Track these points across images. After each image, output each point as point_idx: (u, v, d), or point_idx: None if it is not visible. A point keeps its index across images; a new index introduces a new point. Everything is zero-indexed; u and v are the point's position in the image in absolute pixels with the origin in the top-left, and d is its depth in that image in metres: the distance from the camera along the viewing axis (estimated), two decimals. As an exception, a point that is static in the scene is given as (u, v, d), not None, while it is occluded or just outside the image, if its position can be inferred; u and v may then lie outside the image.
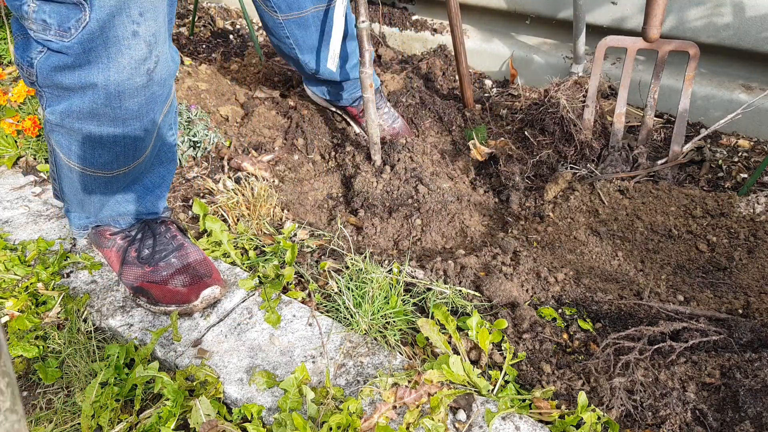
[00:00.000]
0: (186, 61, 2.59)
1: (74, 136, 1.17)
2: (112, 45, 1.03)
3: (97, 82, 1.06)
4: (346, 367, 1.18)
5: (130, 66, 1.07)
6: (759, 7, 1.86)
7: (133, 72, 1.08)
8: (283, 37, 1.77)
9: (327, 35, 1.79)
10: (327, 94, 2.06)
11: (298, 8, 1.69)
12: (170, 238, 1.39)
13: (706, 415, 1.05)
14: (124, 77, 1.07)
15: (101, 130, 1.15)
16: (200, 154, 1.95)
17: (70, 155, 1.22)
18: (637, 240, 1.54)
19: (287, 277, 1.40)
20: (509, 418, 1.05)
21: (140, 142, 1.22)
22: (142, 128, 1.19)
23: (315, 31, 1.77)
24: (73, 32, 1.01)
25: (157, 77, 1.13)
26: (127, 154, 1.23)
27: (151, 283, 1.33)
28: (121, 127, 1.15)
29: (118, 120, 1.14)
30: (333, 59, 2.33)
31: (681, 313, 1.25)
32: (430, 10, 2.74)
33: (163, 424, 1.08)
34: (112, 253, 1.42)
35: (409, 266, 1.44)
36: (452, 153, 2.04)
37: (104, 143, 1.18)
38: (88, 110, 1.10)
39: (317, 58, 1.85)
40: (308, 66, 1.85)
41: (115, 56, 1.05)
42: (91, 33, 1.01)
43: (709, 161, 1.85)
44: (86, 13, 1.00)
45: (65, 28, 1.01)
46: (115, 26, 1.02)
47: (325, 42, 1.82)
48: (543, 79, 2.30)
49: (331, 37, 1.72)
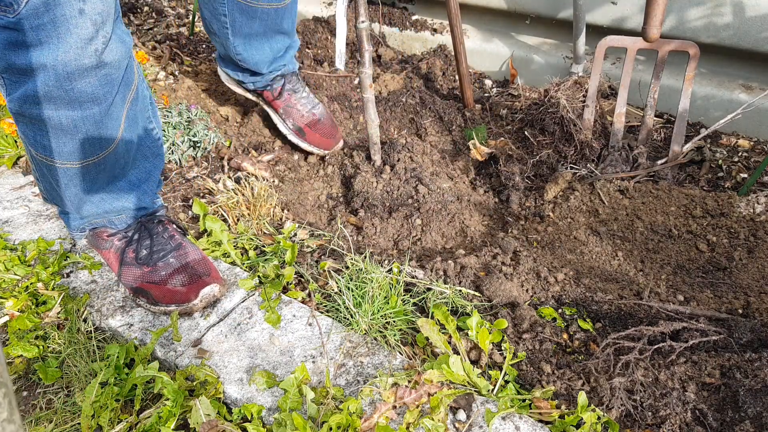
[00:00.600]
0: (186, 61, 2.59)
1: (36, 125, 1.16)
2: (60, 24, 1.03)
3: (46, 63, 1.06)
4: (346, 367, 1.18)
5: (77, 45, 1.06)
6: (759, 7, 1.86)
7: (80, 52, 1.07)
8: (220, 14, 1.66)
9: (269, 32, 1.73)
10: (242, 78, 1.95)
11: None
12: (168, 238, 1.39)
13: (706, 415, 1.05)
14: (71, 57, 1.06)
15: (59, 115, 1.14)
16: (200, 154, 1.95)
17: (37, 147, 1.21)
18: (637, 240, 1.54)
19: (287, 277, 1.40)
20: (509, 418, 1.05)
21: (103, 127, 1.21)
22: (102, 113, 1.18)
23: (259, 24, 1.68)
24: (15, 7, 1.00)
25: (108, 58, 1.12)
26: (92, 142, 1.22)
27: (150, 283, 1.33)
28: (78, 110, 1.14)
29: (74, 103, 1.13)
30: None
31: (681, 313, 1.25)
32: (430, 10, 2.74)
33: (163, 424, 1.08)
34: (110, 254, 1.42)
35: (409, 266, 1.44)
36: (452, 153, 2.04)
37: (65, 129, 1.17)
38: (42, 93, 1.10)
39: (248, 46, 1.76)
40: (235, 50, 1.77)
41: (63, 36, 1.04)
42: (36, 9, 1.00)
43: (709, 161, 1.85)
44: None
45: (6, 3, 1.00)
46: (61, 4, 1.01)
47: (266, 37, 1.75)
48: (543, 79, 2.30)
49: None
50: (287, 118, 1.93)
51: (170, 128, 1.95)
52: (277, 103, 1.94)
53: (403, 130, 2.15)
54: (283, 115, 1.93)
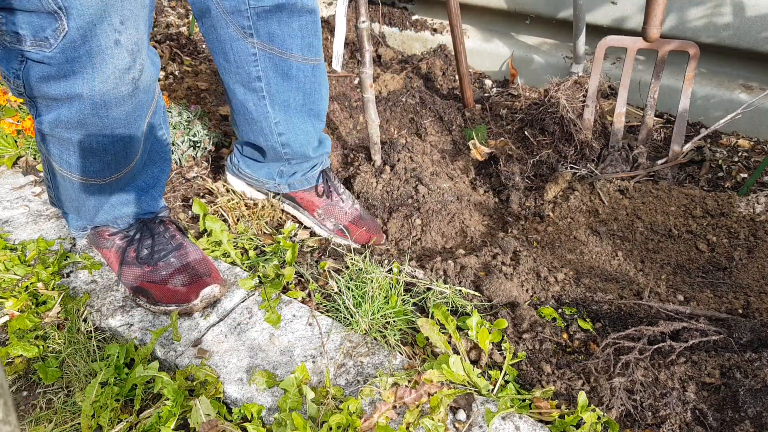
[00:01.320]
0: (186, 60, 2.59)
1: (65, 146, 1.17)
2: (95, 55, 1.02)
3: (82, 93, 1.05)
4: (346, 367, 1.18)
5: (115, 76, 1.06)
6: (759, 7, 1.86)
7: (117, 81, 1.07)
8: (253, 78, 1.36)
9: (307, 103, 1.45)
10: (277, 176, 1.62)
11: (281, 45, 1.32)
12: (169, 238, 1.39)
13: (706, 415, 1.05)
14: (109, 87, 1.06)
15: (90, 140, 1.15)
16: (200, 154, 1.95)
17: (62, 164, 1.22)
18: (637, 240, 1.54)
19: (287, 277, 1.40)
20: (509, 418, 1.05)
21: (130, 148, 1.22)
22: (131, 135, 1.19)
23: (296, 86, 1.39)
24: (52, 42, 0.99)
25: (143, 85, 1.13)
26: (118, 162, 1.23)
27: (150, 283, 1.33)
28: (109, 135, 1.15)
29: (106, 129, 1.13)
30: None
31: (681, 312, 1.25)
32: (430, 9, 2.74)
33: (163, 423, 1.08)
34: (111, 253, 1.42)
35: (409, 266, 1.44)
36: (452, 153, 2.04)
37: (95, 152, 1.18)
38: (76, 120, 1.10)
39: (290, 124, 1.45)
40: (276, 130, 1.45)
41: (99, 66, 1.03)
42: (73, 42, 0.99)
43: (709, 161, 1.85)
44: (63, 22, 0.97)
45: (41, 38, 0.99)
46: (97, 35, 1.00)
47: (305, 111, 1.46)
48: (543, 79, 2.30)
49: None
50: (328, 218, 1.61)
51: (170, 128, 1.95)
52: (317, 203, 1.62)
53: (403, 130, 2.15)
54: (323, 215, 1.61)
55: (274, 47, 1.30)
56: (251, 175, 1.65)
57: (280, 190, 1.64)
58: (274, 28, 1.28)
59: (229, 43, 1.31)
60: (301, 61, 1.35)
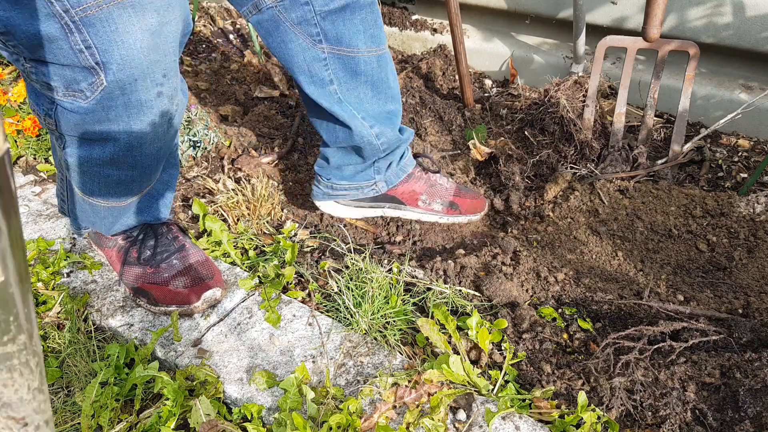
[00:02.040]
0: (186, 60, 2.59)
1: (92, 178, 1.15)
2: (134, 107, 0.98)
3: (119, 138, 1.03)
4: (346, 367, 1.18)
5: (154, 122, 1.04)
6: (759, 7, 1.86)
7: (155, 125, 1.05)
8: (326, 82, 1.32)
9: (382, 90, 1.41)
10: (377, 175, 1.55)
11: (348, 44, 1.28)
12: (172, 239, 1.39)
13: (706, 415, 1.05)
14: (147, 131, 1.04)
15: (120, 174, 1.13)
16: (200, 153, 1.95)
17: (85, 190, 1.20)
18: (637, 240, 1.54)
19: (287, 277, 1.40)
20: (509, 418, 1.05)
21: (155, 174, 1.22)
22: (159, 163, 1.19)
23: (365, 81, 1.36)
24: (87, 95, 0.94)
25: (176, 120, 1.12)
26: (141, 187, 1.23)
27: (151, 284, 1.33)
28: (140, 168, 1.14)
29: (138, 164, 1.13)
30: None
31: (681, 312, 1.25)
32: (430, 9, 2.74)
33: (163, 423, 1.08)
34: (113, 252, 1.42)
35: (409, 266, 1.44)
36: (452, 153, 2.04)
37: (122, 182, 1.17)
38: (109, 158, 1.08)
39: (374, 116, 1.41)
40: (368, 123, 1.39)
41: (137, 116, 1.00)
42: (110, 94, 0.95)
43: (709, 161, 1.85)
44: (101, 77, 0.92)
45: (76, 89, 0.93)
46: (138, 90, 0.96)
47: (379, 98, 1.41)
48: (543, 79, 2.30)
49: None
50: (433, 201, 1.60)
51: (170, 128, 1.95)
52: (418, 189, 1.59)
53: (403, 130, 2.15)
54: (427, 200, 1.59)
55: (342, 48, 1.28)
56: (348, 185, 1.55)
57: (379, 189, 1.57)
58: (340, 29, 1.25)
59: (302, 54, 1.27)
60: (366, 54, 1.32)
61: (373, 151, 1.46)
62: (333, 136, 1.44)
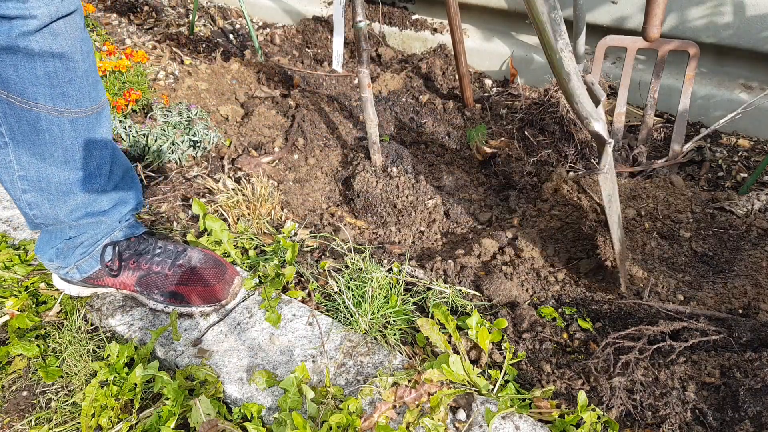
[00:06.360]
0: (186, 60, 2.59)
1: None
2: None
3: None
4: (345, 367, 1.18)
5: None
6: (759, 7, 1.86)
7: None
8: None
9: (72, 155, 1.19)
10: (53, 258, 1.32)
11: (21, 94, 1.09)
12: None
13: (705, 415, 1.05)
14: None
15: None
16: (200, 153, 1.95)
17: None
18: (637, 239, 1.54)
19: (287, 277, 1.40)
20: (509, 418, 1.05)
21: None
22: None
23: (50, 141, 1.16)
24: None
25: None
26: None
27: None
28: None
29: None
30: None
31: (681, 312, 1.25)
32: (430, 9, 2.74)
33: (163, 423, 1.08)
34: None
35: (409, 266, 1.44)
36: (452, 152, 2.04)
37: None
38: None
39: None
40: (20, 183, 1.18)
41: None
42: None
43: (709, 161, 1.85)
44: None
45: None
46: None
47: None
48: (543, 79, 2.30)
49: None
50: (150, 292, 1.36)
51: (170, 128, 1.95)
52: (128, 281, 1.36)
53: (403, 130, 2.15)
54: (143, 291, 1.36)
55: (11, 95, 1.09)
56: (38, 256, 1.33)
57: (72, 276, 1.34)
58: (9, 73, 1.07)
59: None
60: (53, 113, 1.14)
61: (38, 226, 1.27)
62: None
